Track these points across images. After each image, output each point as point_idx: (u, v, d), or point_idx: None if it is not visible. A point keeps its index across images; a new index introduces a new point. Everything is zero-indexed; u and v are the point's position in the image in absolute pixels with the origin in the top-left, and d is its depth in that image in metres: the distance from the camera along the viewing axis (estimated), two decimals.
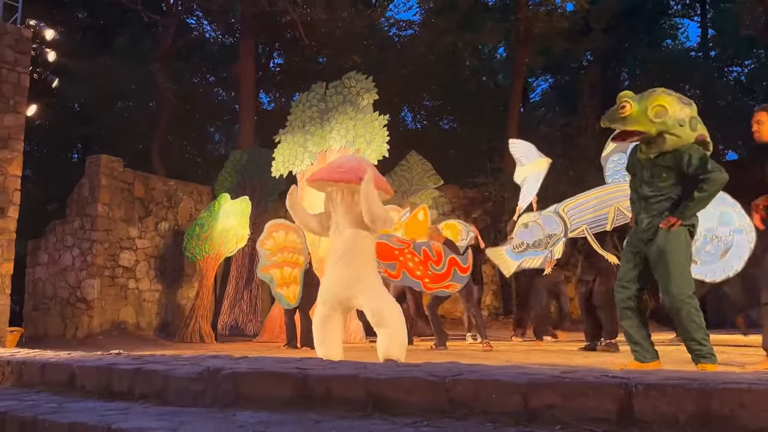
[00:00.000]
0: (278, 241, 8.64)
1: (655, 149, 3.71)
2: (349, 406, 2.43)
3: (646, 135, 3.69)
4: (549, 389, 2.13)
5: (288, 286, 8.45)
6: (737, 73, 27.18)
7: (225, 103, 22.54)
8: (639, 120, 3.67)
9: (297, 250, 8.57)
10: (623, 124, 3.74)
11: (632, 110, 3.68)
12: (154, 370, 2.87)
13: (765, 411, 1.89)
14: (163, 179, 12.85)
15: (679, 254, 3.55)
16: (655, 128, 3.64)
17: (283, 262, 8.59)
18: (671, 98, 3.71)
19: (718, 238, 6.79)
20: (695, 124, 3.70)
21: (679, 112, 3.65)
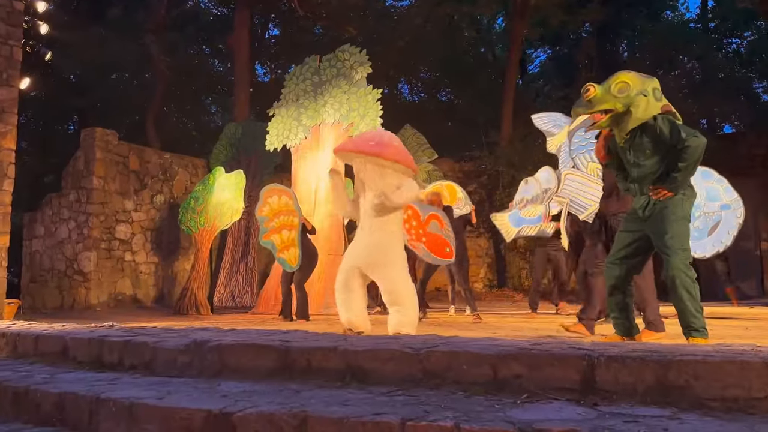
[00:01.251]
0: (273, 207, 8.68)
1: (626, 127, 3.78)
2: (328, 376, 2.54)
3: (614, 111, 3.76)
4: (517, 360, 2.24)
5: (288, 249, 8.50)
6: (736, 45, 26.96)
7: (220, 75, 22.44)
8: (604, 99, 3.76)
9: (291, 211, 8.62)
10: (590, 107, 3.82)
11: (596, 92, 3.78)
12: (144, 342, 2.97)
13: (717, 381, 1.99)
14: (158, 152, 12.88)
15: (680, 225, 3.62)
16: (620, 102, 3.72)
17: (280, 226, 8.63)
18: (632, 74, 3.81)
19: (706, 214, 6.86)
20: (658, 95, 3.76)
21: (641, 85, 3.73)
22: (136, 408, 2.25)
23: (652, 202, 3.70)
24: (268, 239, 8.61)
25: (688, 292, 3.49)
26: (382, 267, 4.38)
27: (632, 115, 3.70)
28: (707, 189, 6.78)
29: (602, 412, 1.97)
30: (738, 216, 6.73)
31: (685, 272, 3.51)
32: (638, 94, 3.69)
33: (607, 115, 3.77)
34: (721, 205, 6.80)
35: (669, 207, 3.61)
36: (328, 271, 9.02)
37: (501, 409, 2.03)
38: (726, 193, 6.82)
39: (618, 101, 3.71)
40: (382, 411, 2.02)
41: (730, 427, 1.78)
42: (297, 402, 2.20)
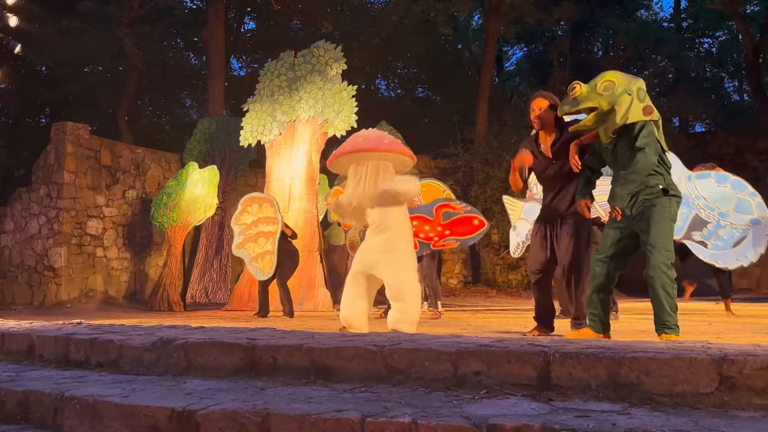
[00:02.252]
0: (252, 214, 8.65)
1: (611, 126, 3.80)
2: (294, 374, 2.57)
3: (599, 110, 3.79)
4: (476, 357, 2.29)
5: (263, 257, 8.46)
6: (708, 45, 27.40)
7: (195, 69, 22.25)
8: (589, 97, 3.80)
9: (270, 220, 8.59)
10: (575, 105, 3.86)
11: (582, 90, 3.83)
12: (110, 340, 2.97)
13: (667, 377, 2.06)
14: (130, 147, 12.75)
15: (666, 225, 3.68)
16: (605, 100, 3.75)
17: (258, 234, 8.59)
18: (619, 74, 3.84)
19: (734, 225, 6.67)
20: (642, 95, 3.78)
21: (627, 84, 3.76)
22: (100, 406, 2.26)
23: (640, 200, 3.73)
24: (241, 248, 8.57)
25: (666, 291, 3.55)
26: (386, 264, 4.41)
27: (616, 114, 3.73)
28: (739, 200, 6.65)
29: (556, 407, 2.04)
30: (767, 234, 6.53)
31: (666, 272, 3.56)
32: (623, 93, 3.73)
33: (592, 114, 3.81)
34: (752, 220, 6.60)
35: (657, 206, 3.65)
36: (303, 268, 9.03)
37: (459, 404, 2.09)
38: (758, 209, 6.64)
39: (603, 99, 3.75)
40: (344, 408, 2.07)
41: (676, 421, 1.86)
42: (261, 399, 2.23)
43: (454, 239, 6.72)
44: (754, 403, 1.97)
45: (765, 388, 1.98)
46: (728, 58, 26.59)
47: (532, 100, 4.36)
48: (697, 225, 6.68)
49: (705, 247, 6.65)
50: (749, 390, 1.99)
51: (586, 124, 3.92)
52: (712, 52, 27.11)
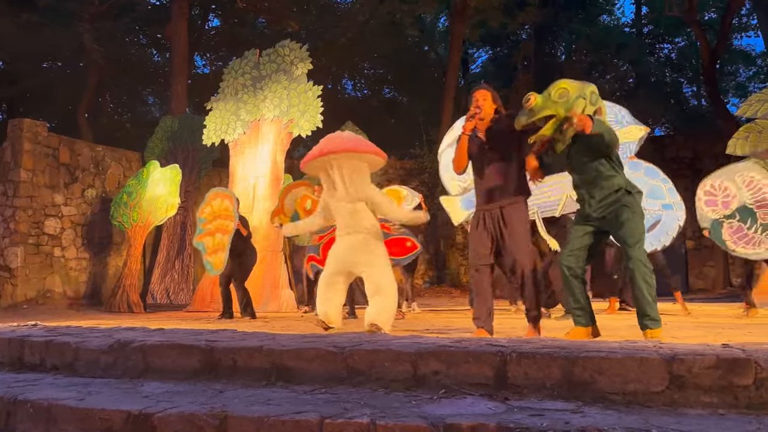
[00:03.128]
0: (215, 209, 8.59)
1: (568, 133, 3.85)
2: (254, 376, 2.56)
3: (557, 117, 3.84)
4: (435, 357, 2.32)
5: (216, 252, 8.39)
6: (668, 50, 28.04)
7: (158, 66, 21.89)
8: (545, 105, 3.85)
9: (229, 216, 8.51)
10: (532, 115, 3.89)
11: (537, 100, 3.88)
12: (66, 342, 2.92)
13: (618, 376, 2.12)
14: (90, 144, 12.50)
15: (638, 221, 3.81)
16: (561, 107, 3.81)
17: (215, 229, 8.53)
18: (571, 81, 3.91)
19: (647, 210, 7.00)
20: (594, 99, 3.88)
21: (580, 89, 3.84)
22: (54, 409, 2.22)
23: (606, 203, 3.83)
24: (200, 241, 8.52)
25: (647, 282, 3.67)
26: (368, 263, 4.49)
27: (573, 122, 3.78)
28: (651, 186, 6.93)
29: (511, 406, 2.07)
30: (679, 218, 6.93)
31: (645, 264, 3.69)
32: (577, 98, 3.80)
33: (550, 122, 3.85)
34: (663, 205, 6.99)
35: (626, 205, 3.76)
36: (267, 269, 8.98)
37: (417, 404, 2.11)
38: (669, 194, 7.03)
39: (559, 107, 3.81)
40: (303, 409, 2.07)
41: (627, 419, 1.91)
42: (219, 402, 2.22)
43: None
44: (702, 401, 2.04)
45: (712, 386, 2.04)
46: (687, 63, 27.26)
47: (476, 91, 4.30)
48: None
49: None
50: (698, 388, 2.05)
51: (545, 134, 3.94)
52: (672, 58, 27.76)
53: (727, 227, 6.67)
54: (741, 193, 6.69)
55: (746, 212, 6.58)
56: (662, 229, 7.01)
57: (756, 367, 2.03)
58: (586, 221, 3.94)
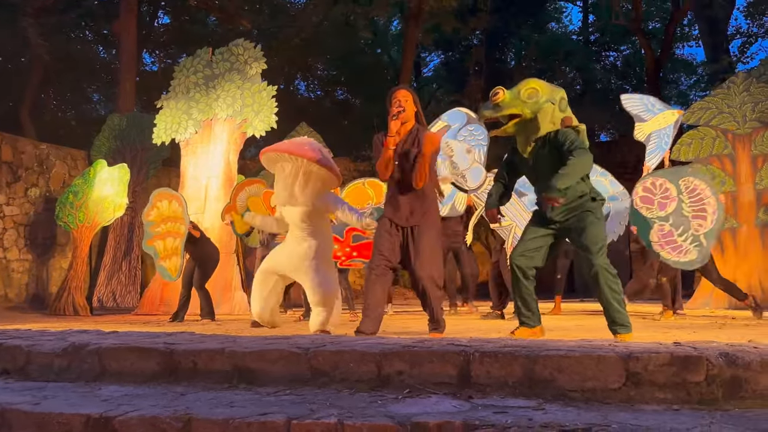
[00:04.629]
0: (162, 211, 8.40)
1: (532, 135, 3.82)
2: (215, 378, 2.53)
3: (522, 117, 3.78)
4: (399, 357, 2.34)
5: (170, 258, 8.25)
6: (614, 58, 28.88)
7: (104, 62, 21.31)
8: (512, 103, 3.78)
9: (178, 218, 8.34)
10: (498, 110, 3.83)
11: (505, 96, 3.81)
12: (17, 346, 2.83)
13: (578, 374, 2.18)
14: (34, 142, 12.08)
15: (600, 227, 3.80)
16: (528, 108, 3.75)
17: (166, 232, 8.36)
18: (542, 82, 3.87)
19: None
20: (564, 106, 3.83)
21: (550, 93, 3.79)
22: (8, 414, 2.15)
23: (569, 207, 3.79)
24: (151, 245, 8.34)
25: (611, 287, 3.67)
26: (310, 270, 4.40)
27: (538, 123, 3.76)
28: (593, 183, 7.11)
29: (476, 404, 2.11)
30: (627, 206, 6.97)
31: (608, 270, 3.69)
32: (546, 102, 3.75)
33: (513, 121, 3.82)
34: (609, 197, 6.90)
35: (589, 211, 3.76)
36: (219, 270, 8.82)
37: (383, 404, 2.13)
38: (612, 186, 7.16)
39: (526, 107, 3.75)
40: (269, 411, 2.06)
41: (587, 415, 1.97)
42: (182, 404, 2.19)
43: (360, 260, 6.98)
44: (657, 397, 2.12)
45: (667, 383, 2.13)
46: (631, 71, 28.15)
47: (397, 92, 4.19)
48: None
49: None
50: (653, 385, 2.13)
51: (507, 131, 3.91)
52: (617, 65, 28.62)
53: (657, 229, 6.46)
54: (681, 199, 6.50)
55: (681, 219, 6.41)
56: (614, 220, 7.09)
57: (707, 364, 2.12)
58: (545, 224, 3.91)
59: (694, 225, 6.38)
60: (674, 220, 6.41)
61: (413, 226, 4.08)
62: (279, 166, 4.57)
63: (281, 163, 4.55)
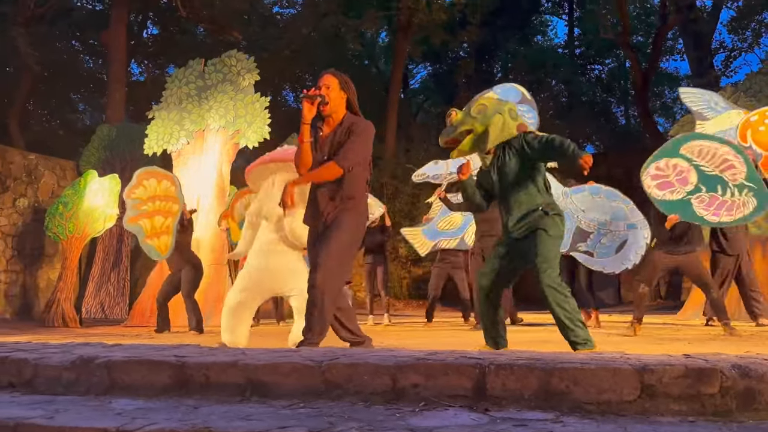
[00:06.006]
0: (149, 190, 8.22)
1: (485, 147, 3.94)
2: (228, 391, 2.52)
3: (474, 132, 3.93)
4: (414, 370, 2.35)
5: (159, 236, 8.01)
6: (599, 71, 29.26)
7: (91, 72, 21.23)
8: (464, 121, 3.96)
9: (170, 198, 8.15)
10: (453, 130, 4.00)
11: (457, 116, 4.00)
12: (24, 359, 2.80)
13: (593, 386, 2.20)
14: (22, 152, 11.99)
15: (554, 244, 3.71)
16: (478, 122, 3.90)
17: (154, 211, 8.13)
18: (491, 97, 4.07)
19: (613, 232, 6.97)
20: (514, 115, 3.95)
21: (497, 105, 3.95)
22: (23, 428, 2.12)
23: (526, 222, 3.77)
24: (134, 223, 8.12)
25: (561, 306, 3.57)
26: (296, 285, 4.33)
27: (490, 135, 3.88)
28: (614, 208, 6.99)
29: (493, 416, 2.12)
30: (645, 236, 6.81)
31: (557, 289, 3.58)
32: (494, 113, 3.89)
33: (468, 137, 3.94)
34: (627, 225, 6.91)
35: (543, 227, 3.70)
36: (211, 282, 8.80)
37: (401, 417, 2.13)
38: (632, 214, 6.99)
39: (476, 121, 3.90)
40: (287, 424, 2.05)
41: (606, 427, 1.99)
42: (197, 418, 2.18)
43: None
44: (672, 409, 2.14)
45: (681, 395, 2.15)
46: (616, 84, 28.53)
47: (321, 77, 3.87)
48: (580, 237, 7.09)
49: (591, 256, 7.06)
50: (667, 397, 2.15)
51: (463, 149, 4.00)
52: (602, 78, 28.98)
53: (697, 203, 5.93)
54: (696, 164, 5.94)
55: (712, 180, 5.89)
56: (630, 248, 6.89)
57: (721, 376, 2.15)
58: (508, 243, 3.93)
59: (728, 177, 5.89)
60: (706, 185, 5.92)
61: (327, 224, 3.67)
62: (268, 181, 4.53)
63: (271, 177, 4.52)
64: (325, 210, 3.69)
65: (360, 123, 3.75)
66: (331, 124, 3.79)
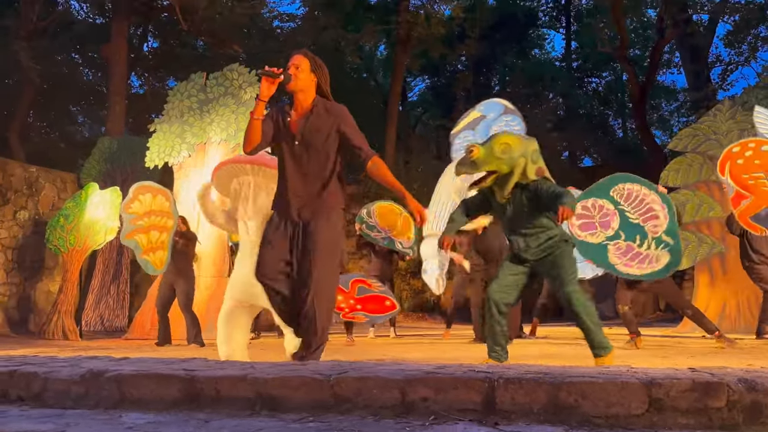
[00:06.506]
0: (145, 205, 8.28)
1: (507, 188, 4.07)
2: (237, 405, 2.54)
3: (498, 173, 4.03)
4: (423, 384, 2.37)
5: (155, 251, 8.09)
6: (596, 84, 29.45)
7: (91, 84, 21.32)
8: (488, 161, 4.01)
9: (165, 213, 8.23)
10: (474, 167, 4.06)
11: (479, 153, 4.01)
12: (33, 372, 2.81)
13: (602, 400, 2.22)
14: (23, 165, 12.01)
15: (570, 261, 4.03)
16: (504, 164, 3.99)
17: (149, 226, 8.20)
18: (513, 136, 4.13)
19: None
20: (536, 157, 4.08)
21: (523, 147, 4.03)
22: None
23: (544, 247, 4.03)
24: (131, 238, 8.18)
25: (587, 312, 3.87)
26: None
27: (513, 177, 3.99)
28: None
29: (503, 431, 2.14)
30: None
31: (582, 300, 3.89)
32: (520, 156, 3.98)
33: (492, 176, 4.04)
34: None
35: (561, 251, 4.00)
36: (213, 295, 8.81)
37: (411, 431, 2.15)
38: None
39: (503, 163, 3.97)
40: None
41: None
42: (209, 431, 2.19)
43: (363, 314, 6.98)
44: (679, 422, 2.16)
45: (689, 408, 2.17)
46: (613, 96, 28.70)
47: (293, 56, 3.59)
48: None
49: None
50: (675, 411, 2.18)
51: (485, 186, 4.14)
52: (599, 91, 29.15)
53: (614, 250, 5.78)
54: (621, 209, 5.78)
55: (632, 228, 5.74)
56: None
57: (728, 390, 2.17)
58: (520, 262, 4.14)
59: (649, 228, 5.72)
60: (626, 232, 5.76)
61: (306, 222, 3.42)
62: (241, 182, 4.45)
63: (240, 178, 4.45)
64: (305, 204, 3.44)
65: (340, 110, 3.53)
66: (299, 109, 3.51)
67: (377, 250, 9.02)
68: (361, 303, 6.87)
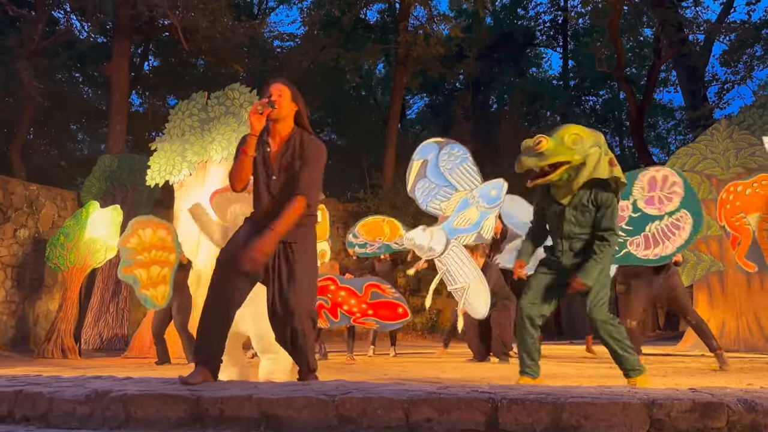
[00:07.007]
0: (144, 239, 8.25)
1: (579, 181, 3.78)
2: (242, 425, 2.56)
3: (571, 164, 3.73)
4: (427, 404, 2.39)
5: (155, 286, 8.06)
6: (593, 102, 29.65)
7: (91, 103, 21.44)
8: (558, 151, 3.72)
9: (167, 247, 8.20)
10: (543, 159, 3.75)
11: (549, 144, 3.72)
12: (38, 392, 2.82)
13: (604, 421, 2.25)
14: (23, 183, 12.05)
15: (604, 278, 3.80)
16: (577, 154, 3.71)
17: (150, 261, 8.16)
18: (581, 127, 3.85)
19: None
20: (606, 148, 3.83)
21: (593, 137, 3.79)
22: None
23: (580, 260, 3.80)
24: (129, 273, 8.15)
25: (614, 338, 3.69)
26: (253, 317, 4.02)
27: (586, 169, 3.72)
28: None
29: None
30: None
31: (609, 322, 3.71)
32: (593, 146, 3.73)
33: (561, 168, 3.75)
34: None
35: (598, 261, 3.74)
36: None
37: None
38: None
39: (575, 153, 3.70)
40: None
41: None
42: None
43: (374, 320, 6.90)
44: None
45: (689, 429, 2.20)
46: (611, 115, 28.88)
47: (271, 85, 3.45)
48: None
49: None
50: (675, 431, 2.20)
51: (553, 179, 3.81)
52: (597, 110, 29.34)
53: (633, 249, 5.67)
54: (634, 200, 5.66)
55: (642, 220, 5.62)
56: None
57: (728, 411, 2.20)
58: (551, 270, 3.93)
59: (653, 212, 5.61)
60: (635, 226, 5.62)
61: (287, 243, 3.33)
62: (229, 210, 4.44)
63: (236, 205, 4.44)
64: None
65: (313, 146, 3.42)
66: (276, 139, 3.44)
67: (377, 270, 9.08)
68: (373, 308, 6.78)
